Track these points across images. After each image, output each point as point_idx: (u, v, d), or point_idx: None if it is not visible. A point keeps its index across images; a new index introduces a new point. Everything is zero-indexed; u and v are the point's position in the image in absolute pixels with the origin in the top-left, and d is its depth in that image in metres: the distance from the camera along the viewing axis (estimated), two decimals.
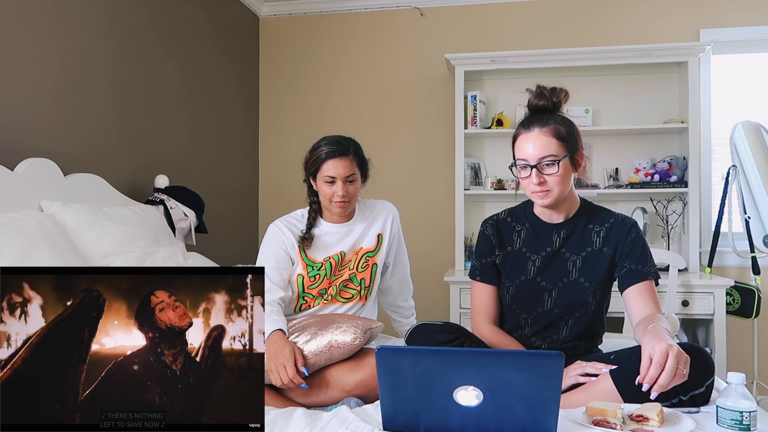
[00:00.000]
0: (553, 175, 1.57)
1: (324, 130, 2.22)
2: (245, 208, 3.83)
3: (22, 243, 1.73)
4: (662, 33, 3.52)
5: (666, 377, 1.24)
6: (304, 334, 1.71)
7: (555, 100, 1.63)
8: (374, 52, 3.85)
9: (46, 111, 2.21)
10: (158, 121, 2.89)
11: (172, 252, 2.27)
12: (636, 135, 3.50)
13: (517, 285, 1.72)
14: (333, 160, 1.88)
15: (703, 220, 3.41)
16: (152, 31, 2.85)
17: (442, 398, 1.15)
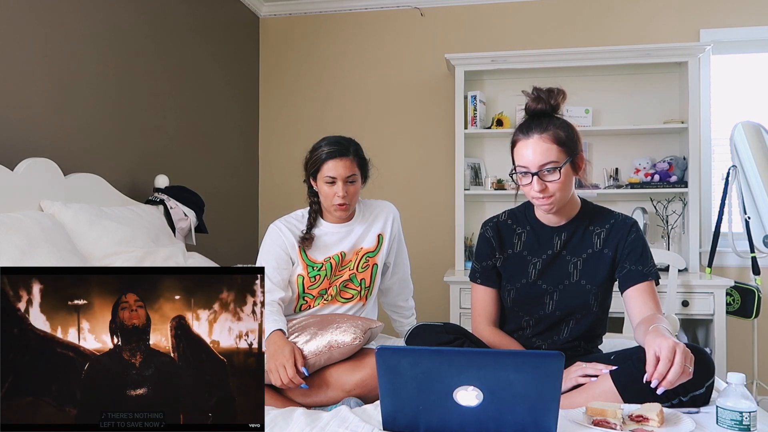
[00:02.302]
0: (554, 181, 1.56)
1: (324, 130, 2.22)
2: (245, 208, 3.83)
3: (22, 243, 1.73)
4: (662, 33, 3.52)
5: (674, 373, 1.24)
6: (304, 334, 1.71)
7: (553, 103, 1.61)
8: (374, 52, 3.85)
9: (46, 111, 2.21)
10: (158, 121, 2.89)
11: (172, 252, 2.27)
12: (636, 135, 3.50)
13: (518, 288, 1.72)
14: (333, 161, 1.88)
15: (703, 220, 3.41)
16: (152, 31, 2.85)
17: (442, 398, 1.15)
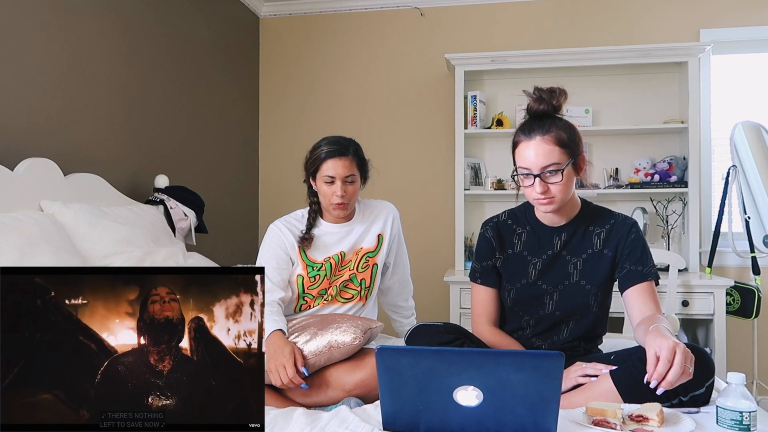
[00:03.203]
0: (556, 183, 1.55)
1: (324, 130, 2.22)
2: (245, 208, 3.83)
3: (22, 243, 1.73)
4: (662, 33, 3.52)
5: (674, 374, 1.24)
6: (303, 334, 1.71)
7: (555, 104, 1.60)
8: (374, 52, 3.85)
9: (46, 111, 2.21)
10: (158, 121, 2.89)
11: (172, 252, 2.27)
12: (636, 135, 3.50)
13: (518, 288, 1.72)
14: (332, 160, 1.88)
15: (703, 220, 3.41)
16: (152, 31, 2.85)
17: (442, 398, 1.15)
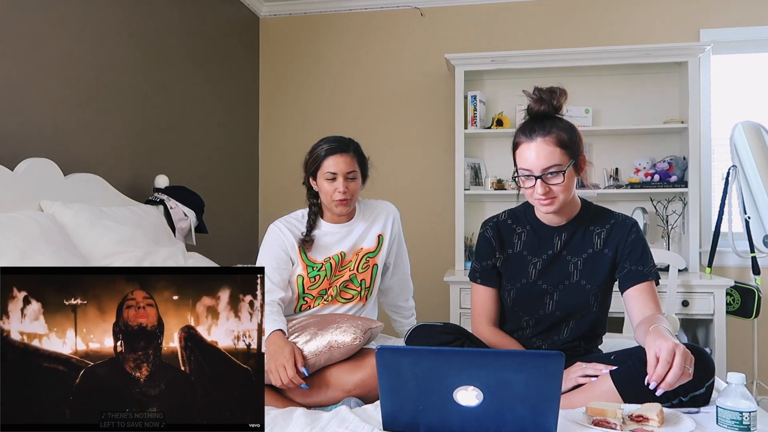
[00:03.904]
0: (558, 184, 1.55)
1: (324, 130, 2.22)
2: (245, 208, 3.83)
3: (22, 243, 1.73)
4: (662, 33, 3.52)
5: (674, 375, 1.24)
6: (304, 334, 1.71)
7: (555, 104, 1.60)
8: (374, 52, 3.85)
9: (46, 111, 2.21)
10: (158, 121, 2.89)
11: (172, 252, 2.27)
12: (636, 135, 3.50)
13: (518, 288, 1.71)
14: (334, 157, 1.89)
15: (703, 220, 3.41)
16: (152, 31, 2.85)
17: (442, 398, 1.15)
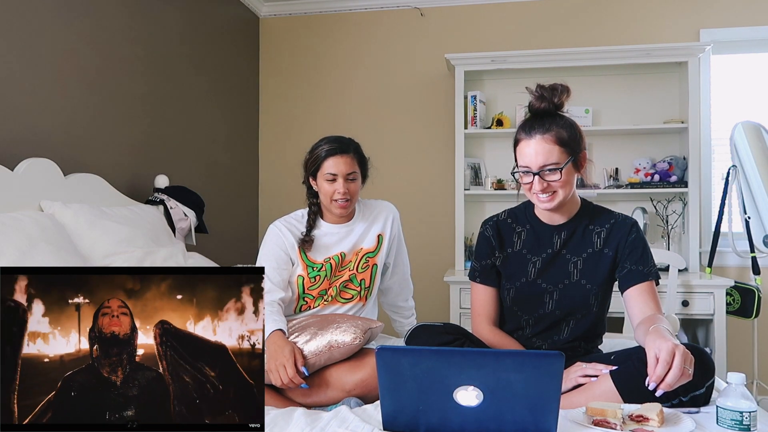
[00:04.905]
0: (555, 181, 1.56)
1: (324, 130, 2.22)
2: (245, 208, 3.83)
3: (22, 243, 1.73)
4: (662, 33, 3.52)
5: (673, 376, 1.24)
6: (304, 334, 1.71)
7: (557, 102, 1.60)
8: (374, 52, 3.85)
9: (46, 111, 2.21)
10: (158, 121, 2.89)
11: (172, 252, 2.27)
12: (636, 135, 3.50)
13: (517, 287, 1.71)
14: (334, 158, 1.89)
15: (703, 220, 3.41)
16: (151, 31, 2.85)
17: (442, 398, 1.15)
